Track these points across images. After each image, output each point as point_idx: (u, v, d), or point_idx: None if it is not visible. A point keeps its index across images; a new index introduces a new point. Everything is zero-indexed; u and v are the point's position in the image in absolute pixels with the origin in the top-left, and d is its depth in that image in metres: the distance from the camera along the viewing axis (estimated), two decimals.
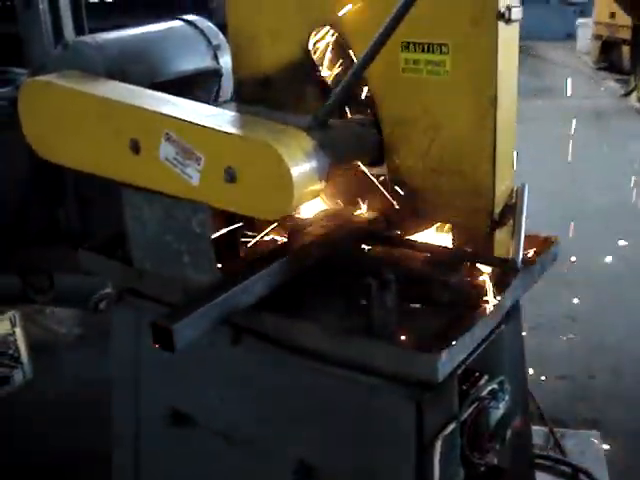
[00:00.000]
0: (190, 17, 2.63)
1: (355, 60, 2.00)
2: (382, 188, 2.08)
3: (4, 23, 6.84)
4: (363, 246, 2.12)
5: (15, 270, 5.35)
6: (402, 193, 2.05)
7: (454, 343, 1.69)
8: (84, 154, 2.07)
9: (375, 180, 2.09)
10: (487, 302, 1.87)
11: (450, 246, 2.05)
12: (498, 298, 1.88)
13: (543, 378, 4.17)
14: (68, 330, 5.11)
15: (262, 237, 2.16)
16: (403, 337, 1.76)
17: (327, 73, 2.18)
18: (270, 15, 2.19)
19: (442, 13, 1.83)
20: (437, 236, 2.14)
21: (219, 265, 1.96)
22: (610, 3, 13.28)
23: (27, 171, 4.35)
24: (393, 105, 1.98)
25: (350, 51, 2.05)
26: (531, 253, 2.10)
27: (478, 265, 2.00)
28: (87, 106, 2.03)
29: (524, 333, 2.27)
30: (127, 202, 2.09)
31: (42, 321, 5.21)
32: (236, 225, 2.05)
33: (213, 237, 1.94)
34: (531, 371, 2.40)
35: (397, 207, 2.08)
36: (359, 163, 2.06)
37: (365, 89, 2.07)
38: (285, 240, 2.14)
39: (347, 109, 2.16)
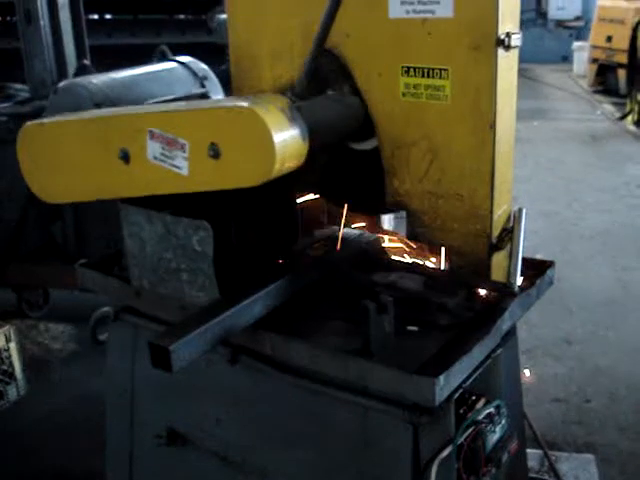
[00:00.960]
0: (184, 59, 2.66)
1: (357, 84, 2.02)
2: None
3: (5, 38, 6.88)
4: (362, 268, 2.13)
5: (10, 285, 5.35)
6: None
7: (452, 367, 1.70)
8: (84, 184, 2.08)
9: None
10: (485, 325, 1.88)
11: (448, 269, 2.06)
12: (495, 321, 1.89)
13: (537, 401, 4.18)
14: (62, 346, 5.09)
15: None
16: (401, 360, 1.76)
17: None
18: (271, 37, 2.21)
19: (442, 39, 1.85)
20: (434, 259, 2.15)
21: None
22: (606, 27, 13.43)
23: (24, 186, 4.36)
24: (393, 129, 2.00)
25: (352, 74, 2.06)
26: (528, 277, 2.11)
27: (476, 288, 2.01)
28: (76, 132, 2.05)
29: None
30: (125, 220, 2.09)
31: (36, 337, 5.20)
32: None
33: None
34: (526, 394, 2.40)
35: None
36: None
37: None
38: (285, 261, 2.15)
39: None
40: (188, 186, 1.86)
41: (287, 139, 1.74)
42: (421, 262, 2.20)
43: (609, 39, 13.31)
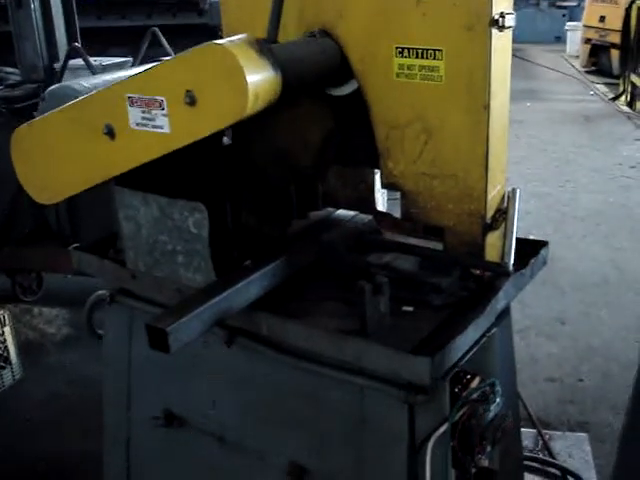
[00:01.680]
0: None
1: (352, 65, 2.01)
2: None
3: None
4: (357, 249, 2.13)
5: (3, 269, 5.35)
6: None
7: (447, 346, 1.71)
8: (77, 174, 2.08)
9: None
10: (479, 305, 1.89)
11: (443, 249, 2.07)
12: (490, 301, 1.90)
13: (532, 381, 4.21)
14: (56, 330, 5.10)
15: None
16: (396, 340, 1.77)
17: None
18: (264, 18, 2.19)
19: (437, 19, 1.85)
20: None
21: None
22: (600, 7, 13.40)
23: None
24: (387, 110, 2.00)
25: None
26: (522, 257, 2.12)
27: (470, 268, 2.02)
28: (61, 122, 2.06)
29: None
30: (121, 203, 2.09)
31: (30, 321, 5.20)
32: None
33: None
34: (520, 374, 2.42)
35: None
36: None
37: None
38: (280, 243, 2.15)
39: None
40: (173, 143, 1.86)
41: (258, 70, 1.73)
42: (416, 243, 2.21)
43: (602, 19, 13.30)
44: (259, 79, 1.72)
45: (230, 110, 1.75)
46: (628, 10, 11.80)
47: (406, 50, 1.91)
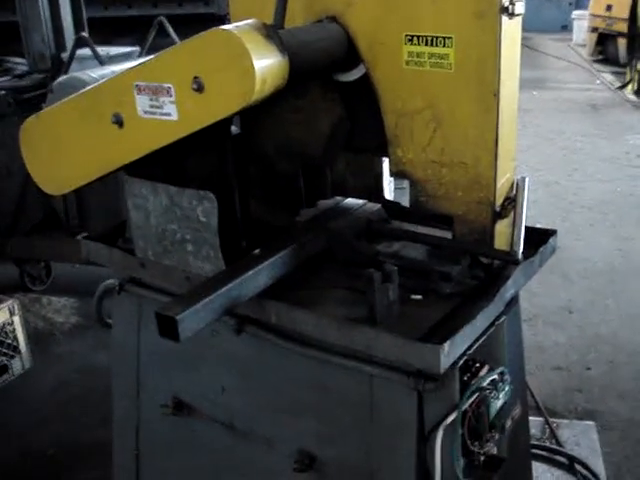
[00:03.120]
0: None
1: (361, 54, 2.01)
2: None
3: (3, 12, 6.82)
4: (365, 238, 2.13)
5: (12, 259, 5.36)
6: None
7: (456, 334, 1.71)
8: (86, 164, 2.09)
9: None
10: (488, 293, 1.89)
11: (451, 238, 2.07)
12: (499, 289, 1.90)
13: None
14: (65, 319, 5.12)
15: None
16: (405, 328, 1.78)
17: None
18: (273, 7, 2.19)
19: (446, 6, 1.84)
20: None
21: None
22: None
23: None
24: (396, 98, 1.99)
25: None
26: (530, 245, 2.12)
27: (479, 257, 2.01)
28: (69, 113, 2.06)
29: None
30: (130, 192, 2.10)
31: (39, 310, 5.22)
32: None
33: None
34: (527, 362, 2.42)
35: None
36: None
37: None
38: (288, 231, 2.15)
39: None
40: (181, 130, 1.86)
41: (265, 54, 1.72)
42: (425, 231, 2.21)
43: (609, 8, 13.22)
44: (266, 63, 1.72)
45: (238, 95, 1.74)
46: None
47: (415, 38, 1.91)
